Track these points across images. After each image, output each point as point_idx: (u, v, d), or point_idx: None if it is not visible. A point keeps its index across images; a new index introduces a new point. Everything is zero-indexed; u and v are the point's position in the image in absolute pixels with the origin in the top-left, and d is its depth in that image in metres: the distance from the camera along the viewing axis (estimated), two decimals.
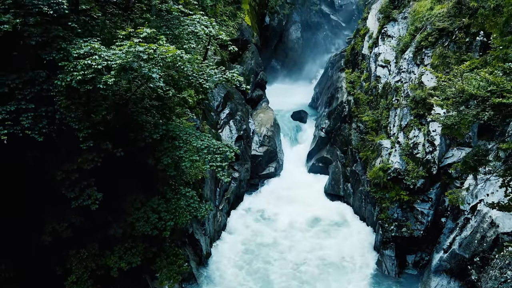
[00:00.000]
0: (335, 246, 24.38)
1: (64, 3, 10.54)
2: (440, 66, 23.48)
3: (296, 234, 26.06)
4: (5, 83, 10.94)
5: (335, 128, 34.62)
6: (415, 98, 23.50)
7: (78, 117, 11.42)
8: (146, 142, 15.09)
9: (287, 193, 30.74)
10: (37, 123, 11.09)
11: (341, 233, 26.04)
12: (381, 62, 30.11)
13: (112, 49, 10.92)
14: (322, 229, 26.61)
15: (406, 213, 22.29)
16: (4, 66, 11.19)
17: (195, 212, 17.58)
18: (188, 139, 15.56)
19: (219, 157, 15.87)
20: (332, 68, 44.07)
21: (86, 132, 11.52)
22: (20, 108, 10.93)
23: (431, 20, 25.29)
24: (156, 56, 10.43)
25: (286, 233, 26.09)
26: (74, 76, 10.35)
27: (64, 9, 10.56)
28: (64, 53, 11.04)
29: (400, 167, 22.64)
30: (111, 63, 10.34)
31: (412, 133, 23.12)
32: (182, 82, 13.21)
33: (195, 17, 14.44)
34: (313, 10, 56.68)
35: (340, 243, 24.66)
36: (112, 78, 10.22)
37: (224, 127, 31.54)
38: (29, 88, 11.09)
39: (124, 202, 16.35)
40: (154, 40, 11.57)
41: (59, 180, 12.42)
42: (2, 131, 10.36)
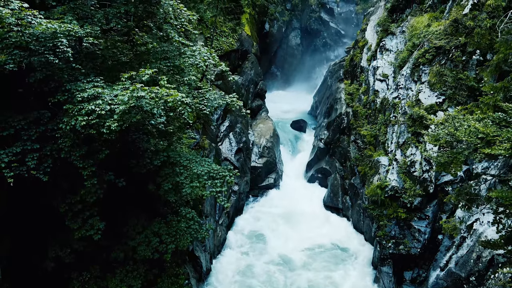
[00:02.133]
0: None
1: (69, 51, 10.84)
2: (437, 84, 23.76)
3: (293, 265, 24.86)
4: (11, 125, 11.25)
5: (334, 139, 34.92)
6: (412, 116, 23.78)
7: (82, 155, 11.73)
8: (147, 168, 15.41)
9: (286, 207, 30.96)
10: (42, 163, 11.41)
11: (339, 265, 25.03)
12: (379, 76, 30.39)
13: (115, 89, 11.21)
14: (321, 262, 25.28)
15: (403, 231, 22.59)
16: (9, 105, 11.49)
17: (196, 234, 17.89)
18: (189, 165, 15.85)
19: (219, 182, 16.14)
20: (331, 78, 44.36)
21: (90, 170, 11.83)
22: (26, 149, 11.25)
23: (428, 38, 25.55)
24: (157, 100, 10.73)
25: (282, 267, 24.78)
26: (79, 122, 10.66)
27: (69, 56, 10.87)
28: (69, 94, 11.35)
29: (397, 185, 22.94)
30: (114, 107, 10.64)
31: (409, 150, 23.41)
32: (182, 120, 13.51)
33: (195, 49, 14.73)
34: (313, 17, 56.99)
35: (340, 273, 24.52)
36: (115, 123, 10.51)
37: (224, 140, 31.81)
38: (34, 128, 11.41)
39: (126, 226, 16.66)
40: (156, 80, 11.87)
41: (63, 212, 12.71)
42: (9, 174, 10.69)
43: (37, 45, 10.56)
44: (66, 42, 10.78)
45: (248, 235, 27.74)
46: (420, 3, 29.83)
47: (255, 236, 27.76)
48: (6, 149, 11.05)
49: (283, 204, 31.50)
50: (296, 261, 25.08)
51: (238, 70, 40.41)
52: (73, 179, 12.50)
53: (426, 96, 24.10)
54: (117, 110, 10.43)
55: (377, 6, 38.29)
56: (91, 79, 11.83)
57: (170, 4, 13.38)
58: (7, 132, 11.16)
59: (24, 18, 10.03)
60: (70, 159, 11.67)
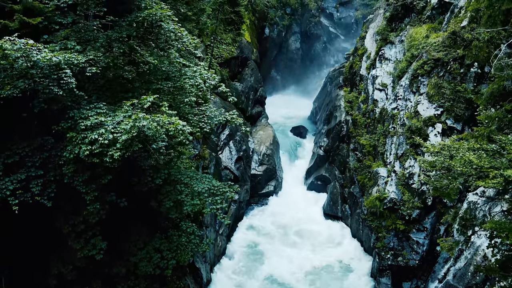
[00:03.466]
0: None
1: (73, 82, 11.05)
2: (435, 96, 23.97)
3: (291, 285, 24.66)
4: (16, 152, 11.47)
5: (333, 147, 35.12)
6: (411, 128, 23.99)
7: (85, 180, 11.95)
8: (149, 186, 15.61)
9: (285, 216, 31.09)
10: (46, 188, 11.63)
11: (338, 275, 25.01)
12: (378, 86, 30.61)
13: (117, 115, 11.43)
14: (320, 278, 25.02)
15: (402, 242, 22.81)
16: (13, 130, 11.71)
17: (196, 248, 18.10)
18: (189, 183, 16.04)
19: (219, 199, 16.35)
20: (330, 84, 44.56)
21: (93, 195, 12.05)
22: (30, 176, 11.48)
23: (427, 49, 25.74)
24: (159, 129, 10.95)
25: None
26: (82, 151, 10.88)
27: (73, 87, 11.08)
28: (72, 122, 11.57)
29: (396, 196, 23.15)
30: (116, 135, 10.86)
31: (408, 162, 23.62)
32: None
33: (195, 69, 14.94)
34: (313, 22, 57.20)
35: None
36: (118, 152, 10.73)
37: (224, 149, 32.00)
38: (38, 154, 11.63)
39: (127, 242, 16.86)
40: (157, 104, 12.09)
41: (66, 232, 12.93)
42: (14, 202, 10.91)
43: (42, 77, 10.78)
44: (70, 73, 11.00)
45: (246, 252, 27.43)
46: (419, 13, 30.02)
47: (253, 253, 27.34)
48: (11, 176, 11.29)
49: (283, 212, 31.70)
50: (293, 281, 24.80)
51: (238, 76, 40.64)
52: (76, 201, 12.72)
53: (425, 108, 24.30)
54: (120, 140, 10.64)
55: (376, 13, 38.46)
56: (94, 105, 12.04)
57: (171, 29, 13.58)
58: (12, 159, 11.39)
59: (30, 53, 10.23)
60: (73, 184, 11.89)
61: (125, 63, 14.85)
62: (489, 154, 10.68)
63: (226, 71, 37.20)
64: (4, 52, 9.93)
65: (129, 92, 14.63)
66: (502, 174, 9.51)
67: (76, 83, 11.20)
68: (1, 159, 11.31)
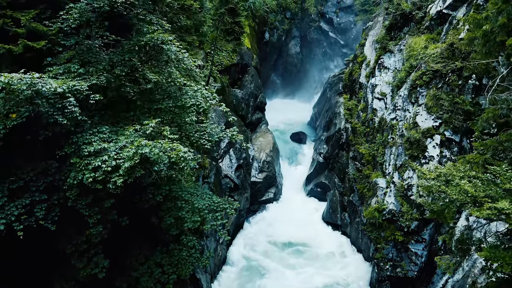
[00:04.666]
0: None
1: (77, 111, 11.27)
2: (434, 108, 24.15)
3: None
4: (20, 177, 11.69)
5: (333, 154, 35.34)
6: (409, 139, 24.18)
7: (88, 204, 12.16)
8: (150, 203, 15.82)
9: (285, 225, 31.22)
10: (50, 212, 11.85)
11: None
12: (377, 95, 30.80)
13: (119, 140, 11.64)
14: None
15: (400, 253, 23.01)
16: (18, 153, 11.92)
17: (197, 262, 18.30)
18: (190, 199, 16.24)
19: (219, 215, 16.55)
20: (330, 90, 44.74)
21: (96, 218, 12.27)
22: (34, 200, 11.69)
23: (426, 60, 25.91)
24: (162, 155, 11.16)
25: None
26: (86, 178, 11.10)
27: (76, 116, 11.30)
28: (75, 147, 11.78)
29: (394, 208, 23.36)
30: (119, 162, 11.07)
31: (406, 173, 23.82)
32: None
33: (196, 89, 15.14)
34: (312, 27, 57.41)
35: None
36: (120, 178, 10.95)
37: (224, 157, 32.19)
38: (42, 179, 11.84)
39: (129, 257, 17.07)
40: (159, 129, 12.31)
41: (69, 253, 13.14)
42: (19, 227, 11.13)
43: (46, 106, 10.99)
44: (73, 101, 11.21)
45: (245, 266, 27.39)
46: (418, 23, 30.20)
47: (251, 266, 27.23)
48: (15, 201, 11.50)
49: (282, 221, 31.84)
50: None
51: (238, 83, 40.83)
52: (79, 221, 12.92)
53: (423, 119, 24.49)
54: (123, 166, 10.86)
55: (376, 21, 38.65)
56: (97, 129, 12.24)
57: (173, 51, 13.78)
58: (17, 184, 11.61)
59: (35, 85, 10.43)
60: (77, 207, 12.10)
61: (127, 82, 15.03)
62: (484, 183, 10.89)
63: (226, 78, 37.40)
64: (11, 87, 10.14)
65: (131, 111, 14.84)
66: (495, 207, 9.71)
67: (79, 111, 11.41)
68: (6, 184, 11.53)
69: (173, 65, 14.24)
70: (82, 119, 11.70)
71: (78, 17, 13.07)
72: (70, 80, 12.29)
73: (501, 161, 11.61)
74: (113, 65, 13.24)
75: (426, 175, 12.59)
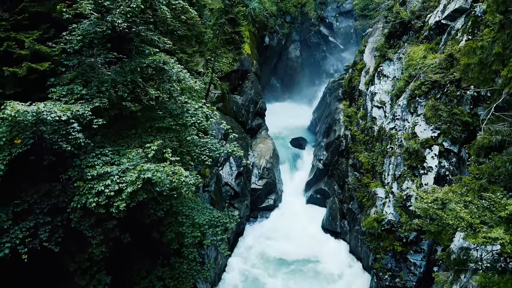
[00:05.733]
0: None
1: (80, 137, 11.48)
2: (432, 118, 24.34)
3: None
4: (25, 200, 11.89)
5: (332, 161, 35.52)
6: (408, 149, 24.37)
7: (91, 225, 12.37)
8: (151, 219, 16.02)
9: (285, 233, 31.42)
10: (54, 234, 12.05)
11: None
12: (376, 103, 30.99)
13: (122, 162, 11.85)
14: None
15: (399, 264, 23.22)
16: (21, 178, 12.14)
17: (198, 275, 18.54)
18: (191, 214, 16.45)
19: (219, 230, 16.75)
20: (330, 95, 44.89)
21: (99, 239, 12.48)
22: (38, 223, 11.90)
23: (424, 70, 26.11)
24: (163, 179, 11.36)
25: None
26: (89, 202, 11.31)
27: (80, 142, 11.51)
28: (79, 170, 11.99)
29: (393, 218, 23.56)
30: (122, 186, 11.28)
31: (405, 184, 24.02)
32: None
33: (197, 107, 15.34)
34: (312, 31, 57.56)
35: None
36: (123, 203, 11.16)
37: (224, 164, 32.38)
38: (46, 201, 12.05)
39: (130, 271, 17.28)
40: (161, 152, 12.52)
41: (72, 270, 13.35)
42: (23, 250, 11.33)
43: (50, 133, 11.19)
44: (77, 127, 11.42)
45: (243, 278, 27.50)
46: (417, 32, 30.39)
47: (251, 277, 27.49)
48: (20, 224, 11.70)
49: (283, 229, 32.01)
50: None
51: (238, 89, 41.03)
52: (81, 240, 13.13)
53: (422, 129, 24.68)
54: (126, 191, 11.07)
55: (375, 27, 38.83)
56: (100, 151, 12.44)
57: (174, 72, 13.98)
58: (21, 207, 11.82)
59: (41, 115, 10.62)
60: (80, 228, 12.31)
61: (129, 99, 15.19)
62: (479, 209, 11.08)
63: (226, 84, 37.60)
64: (17, 119, 10.34)
65: (133, 128, 15.03)
66: (490, 237, 9.91)
67: (83, 137, 11.62)
68: (11, 208, 11.75)
69: (174, 84, 14.43)
70: (85, 142, 11.89)
71: (81, 39, 13.27)
72: (73, 103, 12.49)
73: (496, 185, 11.83)
74: (115, 86, 13.43)
75: (424, 199, 12.79)
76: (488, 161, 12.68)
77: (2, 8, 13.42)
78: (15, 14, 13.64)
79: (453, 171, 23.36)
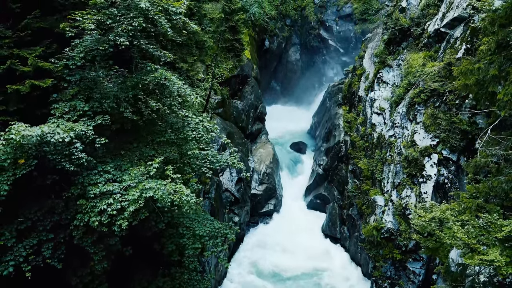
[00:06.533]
0: None
1: (83, 157, 11.64)
2: (431, 126, 24.50)
3: None
4: (28, 217, 12.06)
5: (332, 166, 35.69)
6: (407, 158, 24.53)
7: (94, 241, 12.54)
8: (153, 231, 16.18)
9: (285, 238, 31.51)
10: (56, 250, 12.22)
11: None
12: (376, 109, 31.16)
13: (124, 180, 12.03)
14: None
15: (398, 272, 23.39)
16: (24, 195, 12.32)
17: (198, 285, 18.69)
18: (191, 226, 16.61)
19: (220, 241, 16.91)
20: (330, 100, 45.03)
21: (101, 255, 12.64)
22: (41, 240, 12.06)
23: (423, 78, 26.27)
24: (165, 197, 11.54)
25: None
26: (92, 221, 11.47)
27: (83, 162, 11.68)
28: (81, 187, 12.16)
29: (392, 226, 23.73)
30: (124, 204, 11.45)
31: (404, 192, 24.18)
32: None
33: (197, 121, 15.51)
34: (312, 34, 57.72)
35: None
36: (125, 221, 11.32)
37: (224, 170, 32.50)
38: (49, 218, 12.21)
39: (131, 281, 17.44)
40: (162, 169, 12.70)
41: (74, 285, 13.51)
42: (27, 268, 11.50)
43: (54, 154, 11.36)
44: (80, 147, 11.59)
45: None
46: (416, 39, 30.54)
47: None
48: (23, 242, 11.87)
49: (283, 234, 32.15)
50: None
51: (238, 94, 41.19)
52: (83, 254, 13.29)
53: (421, 137, 24.84)
54: (128, 210, 11.23)
55: (375, 33, 38.99)
56: (102, 168, 12.61)
57: (176, 88, 14.14)
58: (25, 225, 11.99)
59: (44, 137, 10.79)
60: (82, 245, 12.48)
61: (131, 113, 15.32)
62: (476, 229, 11.25)
63: (226, 89, 37.76)
64: (22, 144, 10.51)
65: (134, 142, 15.19)
66: (486, 259, 10.07)
67: (86, 157, 11.78)
68: (15, 225, 11.92)
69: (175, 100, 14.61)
70: (88, 159, 12.05)
71: (84, 56, 13.43)
72: (75, 119, 12.65)
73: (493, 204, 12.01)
74: (118, 102, 13.59)
75: (421, 217, 12.96)
76: (485, 178, 12.88)
77: (5, 26, 13.56)
78: (18, 30, 13.79)
79: (452, 179, 23.52)
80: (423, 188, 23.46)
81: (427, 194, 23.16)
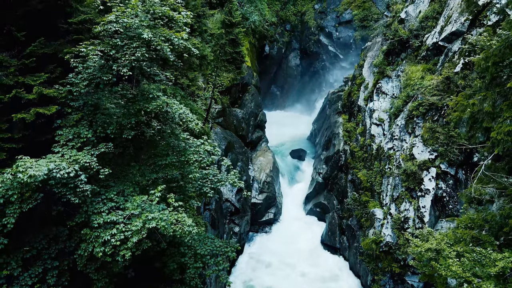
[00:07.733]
0: None
1: (88, 189, 11.91)
2: (429, 140, 24.75)
3: None
4: (33, 246, 12.33)
5: (332, 175, 35.96)
6: (406, 171, 24.79)
7: (97, 268, 12.80)
8: (155, 251, 16.44)
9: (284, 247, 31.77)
10: (61, 277, 12.49)
11: None
12: (375, 120, 31.40)
13: (127, 208, 12.29)
14: None
15: (397, 285, 23.67)
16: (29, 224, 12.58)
17: None
18: (193, 245, 16.88)
19: (221, 259, 17.19)
20: (329, 107, 45.32)
21: (104, 281, 12.91)
22: (46, 268, 12.33)
23: (422, 91, 26.53)
24: (167, 228, 11.82)
25: None
26: (96, 252, 11.73)
27: (88, 194, 11.95)
28: (85, 216, 12.41)
29: (391, 240, 24.00)
30: (127, 234, 11.71)
31: (403, 205, 24.44)
32: None
33: (198, 143, 15.78)
34: (312, 40, 58.00)
35: None
36: (129, 252, 11.59)
37: None
38: (53, 246, 12.48)
39: None
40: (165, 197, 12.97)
41: None
42: None
43: (59, 187, 11.62)
44: (85, 178, 11.85)
45: None
46: (415, 50, 30.78)
47: None
48: (29, 271, 12.14)
49: (283, 245, 32.41)
50: None
51: (238, 102, 41.48)
52: (86, 279, 13.56)
53: (420, 151, 25.10)
54: (131, 240, 11.49)
55: (374, 42, 39.18)
56: (105, 196, 12.87)
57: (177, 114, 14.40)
58: (30, 254, 12.25)
59: (50, 173, 11.06)
60: (86, 271, 12.75)
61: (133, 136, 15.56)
62: (471, 262, 11.50)
63: (226, 98, 38.04)
64: (29, 182, 10.78)
65: (136, 165, 15.44)
66: None
67: (90, 190, 12.05)
68: (21, 254, 12.19)
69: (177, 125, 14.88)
70: (92, 187, 12.30)
71: (87, 84, 13.70)
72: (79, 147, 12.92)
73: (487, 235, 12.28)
74: (121, 128, 13.85)
75: (418, 247, 13.22)
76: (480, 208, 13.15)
77: (11, 54, 13.82)
78: (23, 58, 14.04)
79: (450, 193, 23.76)
80: (421, 202, 23.73)
81: (425, 208, 23.42)
